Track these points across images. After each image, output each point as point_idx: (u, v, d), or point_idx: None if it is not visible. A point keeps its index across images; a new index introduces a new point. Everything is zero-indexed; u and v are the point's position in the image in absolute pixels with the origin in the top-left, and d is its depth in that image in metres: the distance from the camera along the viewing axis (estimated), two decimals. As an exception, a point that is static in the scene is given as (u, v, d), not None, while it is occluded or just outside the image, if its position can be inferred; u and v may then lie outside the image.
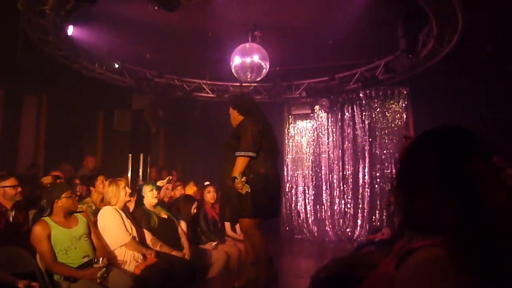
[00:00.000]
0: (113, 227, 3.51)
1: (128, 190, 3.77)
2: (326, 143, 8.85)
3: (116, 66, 6.97)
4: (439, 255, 0.91)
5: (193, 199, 4.84)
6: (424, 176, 1.00)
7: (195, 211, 4.67)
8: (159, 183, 5.12)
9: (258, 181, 3.61)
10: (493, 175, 0.98)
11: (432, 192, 0.98)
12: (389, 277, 1.03)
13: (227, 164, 3.75)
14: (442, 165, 0.98)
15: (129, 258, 3.47)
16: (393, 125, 8.22)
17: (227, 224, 5.32)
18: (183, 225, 4.35)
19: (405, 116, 8.08)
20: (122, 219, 3.59)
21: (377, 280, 1.14)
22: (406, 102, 8.08)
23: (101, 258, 2.97)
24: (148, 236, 3.82)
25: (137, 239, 3.61)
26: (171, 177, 5.33)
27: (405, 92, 8.05)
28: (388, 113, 8.29)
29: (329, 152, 8.81)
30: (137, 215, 3.91)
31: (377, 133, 8.38)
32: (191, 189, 5.96)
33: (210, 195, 5.21)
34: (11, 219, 3.42)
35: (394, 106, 8.23)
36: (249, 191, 3.53)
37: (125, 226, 3.56)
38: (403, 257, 0.98)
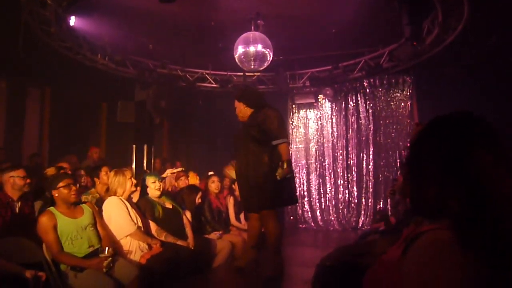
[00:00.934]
0: (118, 218, 3.52)
1: (134, 181, 3.78)
2: (330, 132, 8.83)
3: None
4: (446, 237, 0.90)
5: (198, 189, 4.85)
6: (430, 165, 1.01)
7: (199, 201, 4.68)
8: (168, 172, 5.11)
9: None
10: (501, 165, 0.96)
11: (437, 180, 0.98)
12: (396, 263, 1.03)
13: (249, 155, 3.81)
14: (447, 155, 0.98)
15: (135, 248, 3.48)
16: (397, 113, 8.18)
17: (232, 214, 5.35)
18: (188, 215, 4.36)
19: (409, 105, 8.03)
20: (127, 209, 3.60)
21: (383, 267, 1.14)
22: (410, 91, 8.03)
23: (107, 248, 2.98)
24: (153, 226, 3.83)
25: (142, 229, 3.62)
26: (183, 168, 5.39)
27: (409, 80, 7.99)
28: (393, 102, 8.24)
29: (333, 142, 8.79)
30: (142, 205, 3.92)
31: (381, 122, 8.34)
32: (193, 179, 5.97)
33: (214, 185, 5.21)
34: (17, 210, 3.44)
35: (398, 94, 8.18)
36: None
37: (130, 216, 3.57)
38: (409, 242, 0.98)
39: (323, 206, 8.68)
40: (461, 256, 0.87)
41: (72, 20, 5.62)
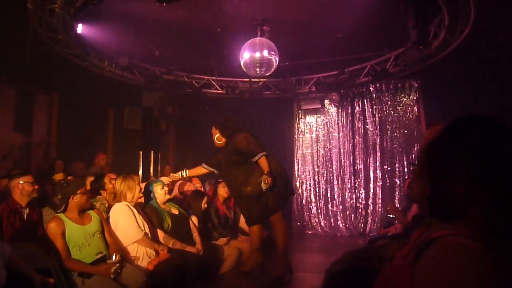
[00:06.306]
0: (125, 224, 3.51)
1: (142, 186, 3.78)
2: (337, 138, 8.80)
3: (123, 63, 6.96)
4: (464, 244, 0.87)
5: (203, 194, 4.85)
6: (457, 163, 0.97)
7: (205, 206, 4.67)
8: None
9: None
10: None
11: (464, 179, 0.94)
12: (407, 269, 1.01)
13: (236, 176, 4.18)
14: (477, 152, 0.95)
15: (142, 254, 3.47)
16: (404, 118, 8.14)
17: (242, 220, 5.33)
18: (194, 220, 4.35)
19: (416, 110, 7.99)
20: (134, 215, 3.60)
21: (394, 272, 1.11)
22: (417, 95, 7.99)
23: (114, 254, 2.98)
24: (160, 233, 3.82)
25: (149, 235, 3.61)
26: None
27: (416, 85, 7.95)
28: (399, 106, 8.21)
29: (340, 147, 8.75)
30: (148, 212, 3.90)
31: (388, 127, 8.31)
32: (197, 185, 5.91)
33: (225, 189, 5.20)
34: (25, 216, 3.45)
35: (405, 99, 8.14)
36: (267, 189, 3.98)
37: (137, 223, 3.56)
38: (422, 248, 0.96)
39: (330, 212, 8.63)
40: (489, 264, 0.82)
41: (80, 28, 5.66)
